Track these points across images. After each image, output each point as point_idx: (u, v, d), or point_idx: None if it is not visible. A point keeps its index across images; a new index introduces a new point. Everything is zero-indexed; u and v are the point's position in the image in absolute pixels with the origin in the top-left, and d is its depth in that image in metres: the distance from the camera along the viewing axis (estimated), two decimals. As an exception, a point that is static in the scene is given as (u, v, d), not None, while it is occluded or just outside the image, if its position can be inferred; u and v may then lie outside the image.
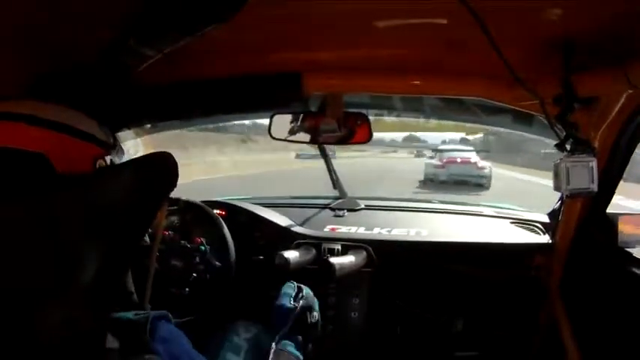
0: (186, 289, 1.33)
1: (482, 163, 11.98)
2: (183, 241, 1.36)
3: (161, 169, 0.59)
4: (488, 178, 11.39)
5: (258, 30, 0.92)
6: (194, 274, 1.34)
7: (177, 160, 0.62)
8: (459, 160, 11.89)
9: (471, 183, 11.03)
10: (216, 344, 1.05)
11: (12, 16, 0.66)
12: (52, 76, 0.88)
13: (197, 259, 1.35)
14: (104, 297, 0.54)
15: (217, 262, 1.36)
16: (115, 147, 0.65)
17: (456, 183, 10.99)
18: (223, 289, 1.35)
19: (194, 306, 1.33)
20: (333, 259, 1.30)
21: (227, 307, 1.37)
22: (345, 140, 1.29)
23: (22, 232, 0.49)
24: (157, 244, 0.75)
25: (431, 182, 11.40)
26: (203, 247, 1.36)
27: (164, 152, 0.60)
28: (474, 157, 12.23)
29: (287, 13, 0.85)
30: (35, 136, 0.54)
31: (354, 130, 1.27)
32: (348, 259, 1.35)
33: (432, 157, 12.59)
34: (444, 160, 11.93)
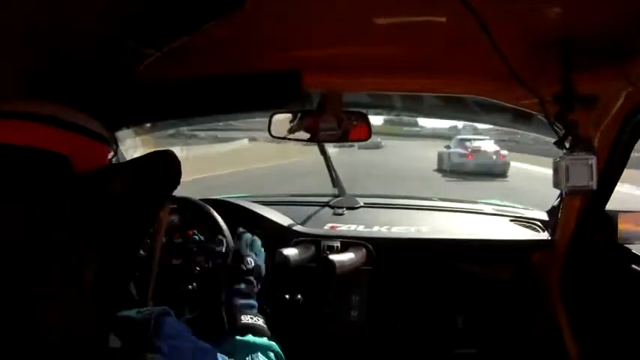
0: (194, 283, 1.33)
1: (503, 151, 12.56)
2: (176, 240, 1.36)
3: (163, 167, 0.59)
4: (508, 165, 12.18)
5: (257, 28, 0.92)
6: (197, 268, 1.34)
7: None
8: (483, 149, 12.35)
9: (494, 172, 11.57)
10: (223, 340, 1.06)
11: (11, 16, 0.66)
12: (51, 75, 0.88)
13: (195, 249, 1.35)
14: (107, 297, 0.54)
15: (216, 247, 1.35)
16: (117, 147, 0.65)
17: (481, 172, 11.42)
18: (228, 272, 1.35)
19: (205, 299, 1.33)
20: (333, 257, 1.30)
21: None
22: (344, 138, 1.30)
23: (25, 231, 0.49)
24: (160, 243, 0.75)
25: (454, 172, 11.74)
26: (197, 237, 1.36)
27: (167, 150, 0.60)
28: (494, 145, 12.76)
29: (287, 11, 0.84)
30: (58, 138, 0.54)
31: (353, 129, 1.28)
32: (348, 257, 1.35)
33: (448, 147, 12.66)
34: (470, 150, 12.19)
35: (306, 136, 1.30)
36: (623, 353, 1.16)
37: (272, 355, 0.90)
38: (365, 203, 1.70)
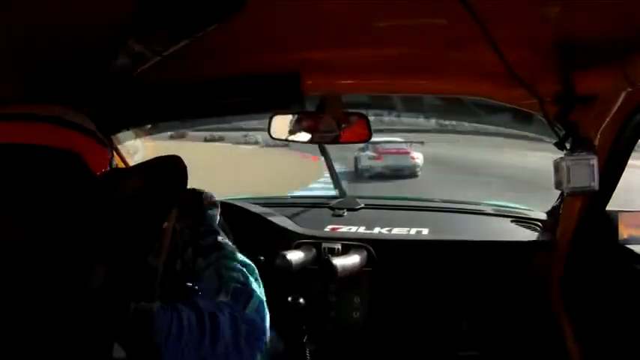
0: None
1: (415, 153, 12.47)
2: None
3: (170, 172, 0.59)
4: (420, 167, 12.19)
5: (257, 30, 0.92)
6: None
7: None
8: (394, 150, 12.20)
9: (404, 173, 11.58)
10: None
11: (11, 16, 0.66)
12: (52, 76, 0.88)
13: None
14: (112, 305, 0.53)
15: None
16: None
17: (391, 174, 11.40)
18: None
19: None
20: (336, 261, 1.30)
21: None
22: (344, 140, 1.30)
23: (31, 235, 0.49)
24: (166, 248, 0.74)
25: (364, 175, 11.62)
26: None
27: (173, 155, 0.60)
28: (407, 147, 12.72)
29: (286, 13, 0.85)
30: (78, 141, 0.55)
31: (353, 130, 1.28)
32: (350, 260, 1.35)
33: (362, 150, 12.32)
34: (380, 151, 12.00)
35: (306, 137, 1.30)
36: (624, 354, 1.16)
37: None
38: (365, 204, 1.70)
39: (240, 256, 0.84)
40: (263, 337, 0.72)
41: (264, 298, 0.77)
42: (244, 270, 0.79)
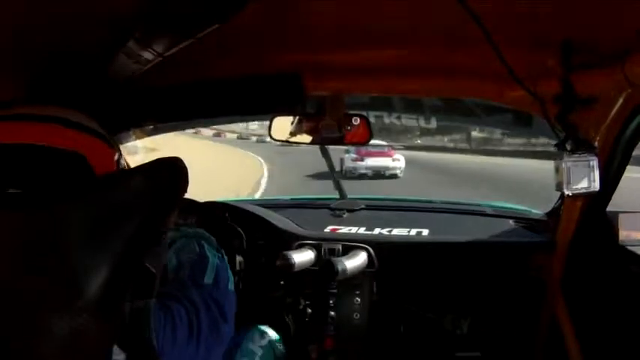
0: None
1: (397, 155, 12.75)
2: None
3: (172, 174, 0.59)
4: (401, 169, 12.41)
5: (258, 31, 0.92)
6: None
7: None
8: (375, 152, 12.25)
9: (385, 174, 11.87)
10: (231, 348, 1.05)
11: (12, 18, 0.66)
12: (53, 77, 0.89)
13: None
14: (111, 308, 0.53)
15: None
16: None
17: (372, 175, 11.67)
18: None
19: None
20: (337, 262, 1.30)
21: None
22: (344, 141, 1.30)
23: (31, 238, 0.49)
24: (166, 250, 0.74)
25: (348, 176, 11.59)
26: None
27: (174, 157, 0.60)
28: (388, 149, 12.90)
29: (287, 14, 0.85)
30: (85, 142, 0.55)
31: (353, 131, 1.28)
32: (351, 261, 1.34)
33: (347, 151, 12.32)
34: (362, 153, 12.07)
35: (308, 139, 1.30)
36: (624, 354, 1.15)
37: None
38: (366, 205, 1.70)
39: (198, 231, 0.86)
40: (225, 303, 0.74)
41: (223, 262, 0.80)
42: (199, 240, 0.81)
